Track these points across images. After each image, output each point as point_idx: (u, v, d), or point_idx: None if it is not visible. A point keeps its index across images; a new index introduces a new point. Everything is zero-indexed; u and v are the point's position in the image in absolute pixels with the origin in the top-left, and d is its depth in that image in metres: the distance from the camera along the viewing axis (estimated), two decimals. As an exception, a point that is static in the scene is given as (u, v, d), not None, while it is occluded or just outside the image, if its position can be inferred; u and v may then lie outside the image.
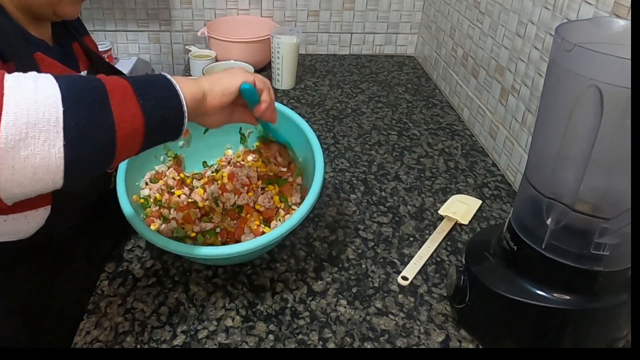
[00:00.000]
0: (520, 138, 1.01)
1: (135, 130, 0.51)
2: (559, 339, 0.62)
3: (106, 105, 0.48)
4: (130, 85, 0.52)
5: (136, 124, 0.51)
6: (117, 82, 0.51)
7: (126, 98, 0.50)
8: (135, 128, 0.51)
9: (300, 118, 0.82)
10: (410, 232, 0.88)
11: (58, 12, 0.71)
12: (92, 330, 0.67)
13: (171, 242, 0.66)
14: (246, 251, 0.66)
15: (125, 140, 0.50)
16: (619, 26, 0.56)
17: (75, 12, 0.74)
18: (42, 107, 0.44)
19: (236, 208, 0.81)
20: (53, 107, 0.45)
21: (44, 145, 0.44)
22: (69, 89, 0.47)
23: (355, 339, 0.68)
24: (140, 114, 0.51)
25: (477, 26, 1.22)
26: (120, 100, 0.50)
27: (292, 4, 1.61)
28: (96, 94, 0.49)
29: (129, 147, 0.52)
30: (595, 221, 0.56)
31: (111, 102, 0.49)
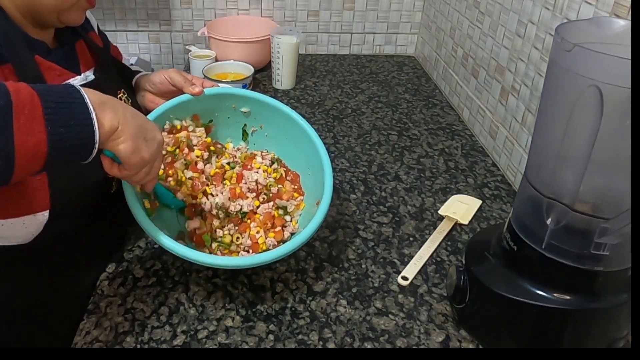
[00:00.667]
0: (520, 138, 1.01)
1: (37, 158, 0.48)
2: (559, 339, 0.62)
3: (8, 131, 0.45)
4: (41, 107, 0.47)
5: (39, 152, 0.47)
6: (27, 99, 0.47)
7: (33, 122, 0.46)
8: (36, 155, 0.47)
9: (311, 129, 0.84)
10: (410, 232, 0.88)
11: (63, 19, 0.71)
12: (92, 330, 0.67)
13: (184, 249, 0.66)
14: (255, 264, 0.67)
15: (23, 166, 0.47)
16: (619, 26, 0.56)
17: (81, 19, 0.73)
18: None
19: (240, 214, 0.80)
20: None
21: None
22: None
23: (355, 339, 0.68)
24: (45, 142, 0.47)
25: (477, 26, 1.22)
26: (26, 124, 0.46)
27: (292, 4, 1.61)
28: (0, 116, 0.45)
29: (27, 171, 0.49)
30: (595, 221, 0.56)
31: (14, 125, 0.45)
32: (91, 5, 0.73)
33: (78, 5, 0.71)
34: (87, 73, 0.77)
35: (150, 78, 0.90)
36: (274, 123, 0.88)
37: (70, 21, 0.72)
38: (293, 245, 0.69)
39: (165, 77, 0.86)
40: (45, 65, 0.69)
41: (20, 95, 0.47)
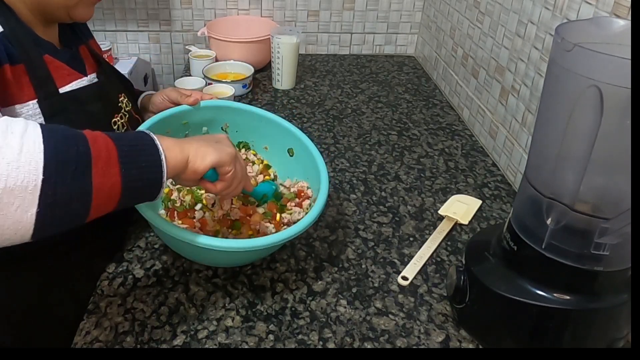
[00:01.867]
0: (520, 138, 1.01)
1: (111, 198, 0.51)
2: (559, 339, 0.62)
3: (87, 175, 0.48)
4: (116, 151, 0.51)
5: (113, 194, 0.51)
6: (105, 147, 0.50)
7: (109, 166, 0.50)
8: (111, 196, 0.51)
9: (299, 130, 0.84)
10: (410, 232, 0.88)
11: (72, 15, 0.72)
12: (92, 330, 0.67)
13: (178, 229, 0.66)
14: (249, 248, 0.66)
15: (98, 208, 0.50)
16: (619, 26, 0.56)
17: (89, 14, 0.75)
18: (22, 173, 0.43)
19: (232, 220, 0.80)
20: (33, 175, 0.44)
21: (17, 211, 0.44)
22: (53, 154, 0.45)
23: (355, 339, 0.68)
24: (119, 183, 0.51)
25: (477, 26, 1.22)
26: (103, 168, 0.49)
27: (292, 4, 1.61)
28: (80, 162, 0.48)
29: (101, 212, 0.51)
30: (595, 221, 0.56)
31: (93, 170, 0.48)
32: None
33: (85, 1, 0.72)
34: (92, 75, 0.78)
35: (152, 99, 0.93)
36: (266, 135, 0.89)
37: (80, 16, 0.73)
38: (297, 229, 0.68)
39: (163, 97, 0.89)
40: (55, 65, 0.70)
41: (97, 142, 0.50)
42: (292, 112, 1.28)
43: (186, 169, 0.60)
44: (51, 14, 0.71)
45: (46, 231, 0.47)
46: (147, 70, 1.68)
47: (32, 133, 0.46)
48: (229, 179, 0.65)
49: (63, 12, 0.71)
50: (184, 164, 0.59)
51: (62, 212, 0.47)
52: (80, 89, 0.74)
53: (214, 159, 0.62)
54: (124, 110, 0.84)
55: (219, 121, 0.88)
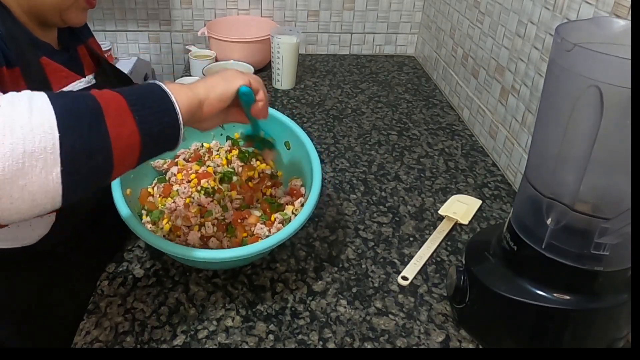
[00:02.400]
0: (520, 138, 1.01)
1: (132, 148, 0.50)
2: (559, 339, 0.62)
3: (102, 126, 0.48)
4: (125, 101, 0.51)
5: (133, 142, 0.50)
6: (112, 98, 0.50)
7: (123, 115, 0.50)
8: (132, 146, 0.50)
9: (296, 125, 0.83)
10: (410, 232, 0.88)
11: (65, 19, 0.72)
12: (92, 330, 0.67)
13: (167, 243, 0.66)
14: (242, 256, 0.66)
15: (121, 159, 0.50)
16: (619, 26, 0.56)
17: (82, 19, 0.75)
18: (38, 134, 0.43)
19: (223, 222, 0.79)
20: (49, 134, 0.44)
21: (42, 173, 0.44)
22: (63, 112, 0.46)
23: (355, 339, 0.68)
24: (137, 131, 0.50)
25: (477, 26, 1.22)
26: (117, 118, 0.49)
27: (292, 4, 1.61)
28: (92, 114, 0.48)
29: (125, 164, 0.51)
30: (595, 221, 0.56)
31: (107, 122, 0.48)
32: (91, 5, 0.74)
33: (77, 5, 0.72)
34: (90, 77, 0.78)
35: None
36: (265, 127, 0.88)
37: (72, 21, 0.73)
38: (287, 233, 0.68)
39: None
40: (52, 67, 0.70)
41: (104, 96, 0.50)
42: (292, 112, 1.28)
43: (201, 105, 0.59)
44: (45, 18, 0.71)
45: (75, 191, 0.47)
46: (147, 70, 1.68)
47: (38, 98, 0.46)
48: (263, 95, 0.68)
49: (56, 17, 0.71)
50: (197, 103, 0.59)
51: (86, 167, 0.47)
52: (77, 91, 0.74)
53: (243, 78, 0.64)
54: None
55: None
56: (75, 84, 0.74)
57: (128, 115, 0.50)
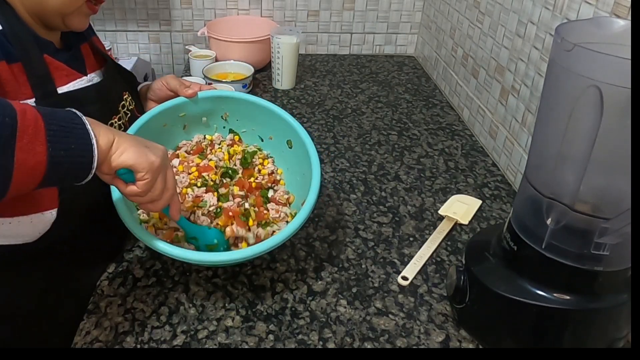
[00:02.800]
0: (520, 138, 1.01)
1: (34, 177, 0.49)
2: (559, 339, 0.62)
3: (10, 149, 0.46)
4: (44, 127, 0.49)
5: (36, 172, 0.49)
6: (32, 121, 0.48)
7: (35, 142, 0.48)
8: (34, 175, 0.49)
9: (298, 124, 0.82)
10: (410, 232, 0.88)
11: (67, 23, 0.73)
12: (92, 330, 0.67)
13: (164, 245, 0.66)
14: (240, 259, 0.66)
15: (19, 184, 0.48)
16: (619, 26, 0.56)
17: (84, 24, 0.75)
18: None
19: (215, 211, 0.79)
20: None
21: None
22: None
23: (355, 339, 0.68)
24: (44, 163, 0.49)
25: (477, 26, 1.22)
26: (28, 144, 0.47)
27: (292, 4, 1.61)
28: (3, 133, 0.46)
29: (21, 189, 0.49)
30: (595, 221, 0.56)
31: (17, 145, 0.46)
32: (93, 11, 0.75)
33: (80, 11, 0.73)
34: (92, 75, 0.79)
35: (151, 86, 0.92)
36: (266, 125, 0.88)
37: (75, 25, 0.74)
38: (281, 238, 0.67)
39: (162, 83, 0.88)
40: (53, 65, 0.71)
41: (25, 116, 0.48)
42: (292, 112, 1.28)
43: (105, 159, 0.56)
44: (48, 21, 0.72)
45: None
46: (147, 70, 1.68)
47: None
48: (142, 186, 0.60)
49: (59, 20, 0.72)
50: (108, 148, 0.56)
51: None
52: (78, 90, 0.74)
53: (129, 159, 0.57)
54: (127, 109, 0.84)
55: (218, 111, 0.88)
56: (77, 82, 0.75)
57: (42, 143, 0.48)
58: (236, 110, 0.88)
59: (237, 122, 0.90)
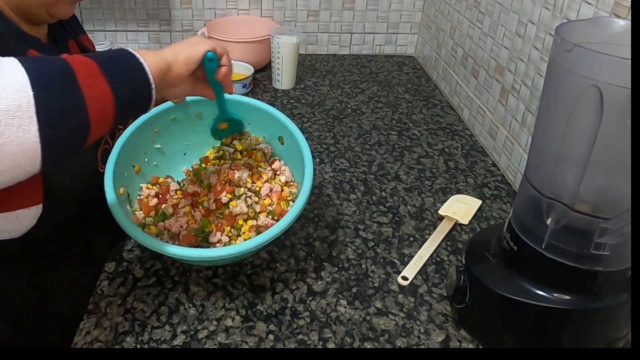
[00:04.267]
0: (520, 138, 1.01)
1: (107, 107, 0.52)
2: (559, 339, 0.62)
3: (75, 86, 0.49)
4: (95, 63, 0.52)
5: (106, 101, 0.51)
6: (82, 61, 0.51)
7: (94, 76, 0.51)
8: (106, 105, 0.51)
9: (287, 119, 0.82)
10: (410, 232, 0.88)
11: (52, 13, 0.72)
12: (92, 330, 0.67)
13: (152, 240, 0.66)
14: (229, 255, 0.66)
15: (97, 118, 0.51)
16: (619, 26, 0.56)
17: (69, 11, 0.75)
18: (10, 93, 0.44)
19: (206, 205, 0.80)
20: (22, 92, 0.45)
21: (19, 132, 0.44)
22: (35, 72, 0.46)
23: (355, 339, 0.68)
24: (109, 90, 0.52)
25: (477, 26, 1.22)
26: (88, 79, 0.50)
27: (292, 4, 1.61)
28: (64, 75, 0.49)
29: (101, 125, 0.52)
30: (595, 221, 0.56)
31: (80, 82, 0.49)
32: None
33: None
34: None
35: None
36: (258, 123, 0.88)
37: (60, 14, 0.73)
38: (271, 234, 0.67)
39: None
40: None
41: (75, 59, 0.51)
42: (292, 112, 1.28)
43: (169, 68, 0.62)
44: (32, 13, 0.71)
45: (54, 152, 0.48)
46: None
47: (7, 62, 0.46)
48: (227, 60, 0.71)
49: (43, 11, 0.71)
50: (166, 64, 0.61)
51: (63, 126, 0.48)
52: None
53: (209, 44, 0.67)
54: None
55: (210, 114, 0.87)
56: None
57: (99, 76, 0.51)
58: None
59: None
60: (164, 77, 0.61)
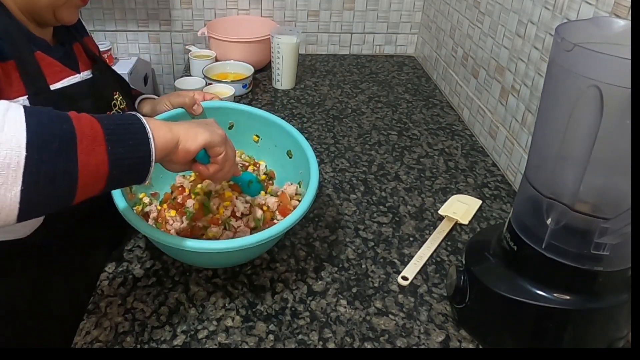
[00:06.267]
0: (520, 138, 1.01)
1: (98, 178, 0.50)
2: (559, 339, 0.62)
3: (72, 152, 0.47)
4: (102, 130, 0.50)
5: (100, 173, 0.50)
6: (89, 126, 0.49)
7: (95, 145, 0.49)
8: (98, 176, 0.50)
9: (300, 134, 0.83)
10: (410, 232, 0.88)
11: (58, 17, 0.73)
12: (92, 330, 0.67)
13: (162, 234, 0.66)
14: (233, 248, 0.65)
15: (86, 187, 0.49)
16: (619, 26, 0.56)
17: (74, 17, 0.76)
18: (4, 150, 0.43)
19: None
20: (15, 151, 0.43)
21: (0, 189, 0.43)
22: (37, 130, 0.45)
23: (355, 339, 0.68)
24: (106, 162, 0.50)
25: (477, 26, 1.22)
26: (88, 147, 0.48)
27: (292, 4, 1.61)
28: (65, 140, 0.47)
29: (89, 192, 0.50)
30: (595, 221, 0.56)
31: (78, 148, 0.47)
32: (83, 3, 0.76)
33: (70, 3, 0.73)
34: (85, 72, 0.79)
35: (155, 109, 0.93)
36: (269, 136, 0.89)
37: (65, 19, 0.74)
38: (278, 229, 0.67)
39: (166, 105, 0.89)
40: (46, 62, 0.71)
41: (81, 121, 0.49)
42: (292, 112, 1.28)
43: (177, 149, 0.59)
44: (39, 15, 0.72)
45: (32, 212, 0.46)
46: (147, 70, 1.68)
47: (14, 112, 0.45)
48: (221, 160, 0.64)
49: (49, 14, 0.72)
50: (174, 144, 0.58)
51: (47, 190, 0.46)
52: (71, 86, 0.74)
53: (206, 138, 0.61)
54: (118, 109, 0.84)
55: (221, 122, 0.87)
56: (71, 78, 0.75)
57: (101, 145, 0.49)
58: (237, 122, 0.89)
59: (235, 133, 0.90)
60: (168, 155, 0.58)
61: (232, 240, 0.66)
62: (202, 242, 0.65)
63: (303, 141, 0.82)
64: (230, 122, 0.88)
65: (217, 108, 0.87)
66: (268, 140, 0.89)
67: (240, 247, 0.65)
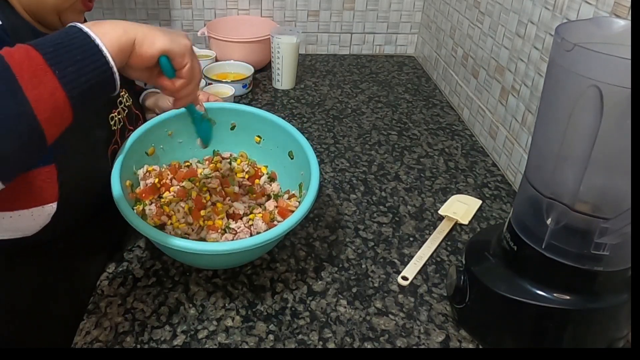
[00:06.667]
0: (520, 138, 1.01)
1: (59, 107, 0.46)
2: (559, 339, 0.62)
3: (17, 91, 0.44)
4: (40, 56, 0.46)
5: (59, 101, 0.46)
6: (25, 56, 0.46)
7: (38, 74, 0.45)
8: (58, 105, 0.46)
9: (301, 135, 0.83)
10: (410, 232, 0.88)
11: (62, 20, 0.74)
12: (92, 330, 0.67)
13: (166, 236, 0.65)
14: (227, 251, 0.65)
15: (50, 119, 0.46)
16: (619, 26, 0.56)
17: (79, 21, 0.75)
18: None
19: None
20: None
21: None
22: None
23: (355, 339, 0.68)
24: (60, 88, 0.46)
25: (477, 26, 1.22)
26: (33, 80, 0.45)
27: (292, 4, 1.61)
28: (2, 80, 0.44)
29: (58, 123, 0.47)
30: (595, 221, 0.56)
31: (22, 85, 0.44)
32: (87, 8, 0.76)
33: (74, 7, 0.74)
34: None
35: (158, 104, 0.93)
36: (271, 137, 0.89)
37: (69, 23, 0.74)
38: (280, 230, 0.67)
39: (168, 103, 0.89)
40: None
41: (13, 55, 0.46)
42: (292, 112, 1.28)
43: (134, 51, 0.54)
44: (44, 18, 0.73)
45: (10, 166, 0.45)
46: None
47: None
48: (185, 73, 0.59)
49: (55, 17, 0.73)
50: (130, 45, 0.53)
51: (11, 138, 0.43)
52: None
53: (165, 44, 0.55)
54: (124, 105, 0.84)
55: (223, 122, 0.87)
56: None
57: (47, 72, 0.45)
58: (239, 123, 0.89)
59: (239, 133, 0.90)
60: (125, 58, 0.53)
61: (233, 242, 0.66)
62: (202, 244, 0.65)
63: (305, 143, 0.82)
64: (233, 123, 0.88)
65: (219, 109, 0.87)
66: (270, 141, 0.89)
67: (240, 249, 0.65)
